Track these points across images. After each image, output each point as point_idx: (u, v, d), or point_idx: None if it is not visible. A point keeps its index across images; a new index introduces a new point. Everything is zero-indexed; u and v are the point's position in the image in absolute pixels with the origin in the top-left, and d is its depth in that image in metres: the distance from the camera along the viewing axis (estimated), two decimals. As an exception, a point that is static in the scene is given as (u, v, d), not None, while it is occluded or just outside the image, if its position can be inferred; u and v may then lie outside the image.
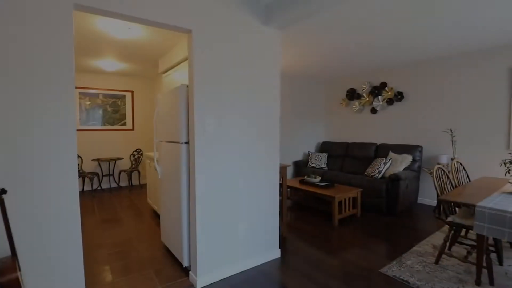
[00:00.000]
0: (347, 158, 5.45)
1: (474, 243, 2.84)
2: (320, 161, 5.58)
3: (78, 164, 5.54)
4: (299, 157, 6.00)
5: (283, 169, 3.16)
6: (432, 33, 3.32)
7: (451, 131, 4.22)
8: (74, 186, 1.72)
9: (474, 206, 2.09)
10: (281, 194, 3.26)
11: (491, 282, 2.22)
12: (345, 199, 3.89)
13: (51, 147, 1.64)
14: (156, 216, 4.09)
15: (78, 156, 5.58)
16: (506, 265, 2.54)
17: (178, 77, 3.57)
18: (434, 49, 4.02)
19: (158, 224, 3.72)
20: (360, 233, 3.40)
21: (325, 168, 5.54)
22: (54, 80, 1.64)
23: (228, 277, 2.40)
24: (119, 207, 4.54)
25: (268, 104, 2.65)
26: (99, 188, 5.93)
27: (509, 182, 2.79)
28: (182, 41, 3.38)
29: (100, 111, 5.90)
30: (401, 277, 2.35)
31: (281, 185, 3.25)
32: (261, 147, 2.61)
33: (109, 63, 4.74)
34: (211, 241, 2.31)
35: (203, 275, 2.27)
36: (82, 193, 5.55)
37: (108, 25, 3.00)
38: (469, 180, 3.28)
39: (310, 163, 5.62)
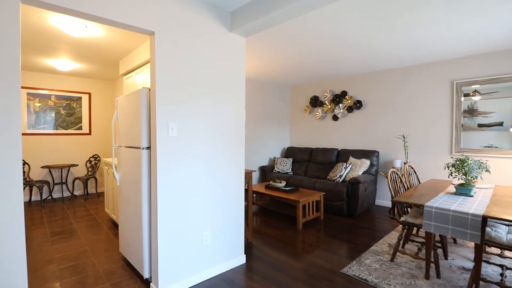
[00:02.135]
0: (311, 163, 5.63)
1: (424, 240, 3.09)
2: (285, 166, 5.70)
3: (24, 172, 5.03)
4: (265, 162, 6.07)
5: (248, 175, 3.17)
6: (384, 46, 3.60)
7: (403, 137, 4.58)
8: (18, 196, 1.56)
9: (422, 206, 2.28)
10: (246, 199, 3.26)
11: (438, 275, 2.42)
12: (309, 203, 4.01)
13: (-10, 152, 1.47)
14: (115, 226, 3.85)
15: (25, 163, 5.07)
16: (450, 259, 2.79)
17: (141, 79, 3.44)
18: (388, 61, 4.36)
19: (117, 235, 3.50)
20: (323, 236, 3.51)
21: (290, 173, 5.66)
22: (-4, 79, 1.48)
23: (191, 286, 2.33)
24: (72, 218, 4.19)
25: (233, 109, 2.65)
26: (49, 197, 5.43)
27: (452, 184, 3.08)
28: (145, 42, 3.26)
29: (52, 114, 5.44)
30: (360, 276, 2.46)
31: (246, 191, 3.25)
32: (226, 152, 2.60)
33: (63, 63, 4.41)
34: (173, 250, 2.23)
35: (165, 286, 2.18)
36: (29, 203, 5.04)
37: (62, 22, 2.80)
38: (419, 182, 3.57)
39: (275, 168, 5.71)
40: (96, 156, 5.76)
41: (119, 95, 5.81)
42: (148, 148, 2.30)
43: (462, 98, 4.08)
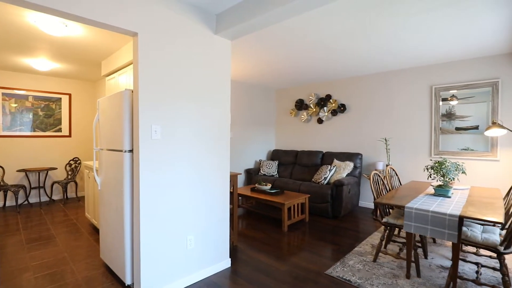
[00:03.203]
0: (296, 165, 5.68)
1: (405, 241, 3.17)
2: (271, 168, 5.72)
3: (-1, 176, 4.80)
4: (251, 165, 6.07)
5: (234, 178, 3.16)
6: (366, 51, 3.70)
7: (385, 140, 4.70)
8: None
9: (403, 207, 2.34)
10: (232, 202, 3.24)
11: (418, 274, 2.49)
12: (294, 205, 4.03)
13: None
14: (96, 231, 3.73)
15: (-1, 167, 4.84)
16: (430, 258, 2.88)
17: (124, 81, 3.36)
18: (370, 66, 4.48)
19: (98, 240, 3.39)
20: (308, 238, 3.54)
21: (275, 176, 5.68)
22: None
23: (175, 292, 2.29)
24: (50, 224, 4.03)
25: (218, 111, 2.64)
26: (25, 202, 5.20)
27: (431, 185, 3.19)
28: (129, 42, 3.20)
29: (30, 115, 5.22)
30: (344, 277, 2.50)
31: (232, 193, 3.23)
32: (210, 155, 2.58)
33: (41, 62, 4.25)
34: (156, 255, 2.18)
35: (147, 293, 2.13)
36: (3, 209, 4.80)
37: (40, 20, 2.70)
38: (400, 184, 3.67)
39: (261, 170, 5.72)
40: (76, 159, 5.57)
41: (101, 96, 5.66)
42: (131, 151, 2.24)
43: (441, 103, 4.24)
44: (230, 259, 2.78)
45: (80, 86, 5.84)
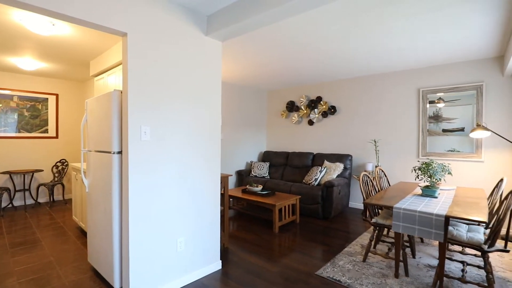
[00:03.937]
0: (287, 167, 5.71)
1: (394, 241, 3.22)
2: (262, 170, 5.73)
3: (-18, 178, 4.64)
4: (242, 166, 6.06)
5: (224, 179, 3.15)
6: (356, 54, 3.76)
7: (374, 141, 4.77)
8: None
9: (392, 208, 2.38)
10: (223, 204, 3.23)
11: (407, 273, 2.53)
12: (285, 207, 4.05)
13: None
14: (83, 234, 3.65)
15: (-18, 169, 4.69)
16: (418, 257, 2.93)
17: (113, 81, 3.32)
18: (359, 69, 4.55)
19: (85, 244, 3.32)
20: (299, 239, 3.56)
21: (267, 177, 5.69)
22: None
23: (165, 295, 2.26)
24: (36, 227, 3.92)
25: (209, 112, 2.63)
26: (9, 206, 5.04)
27: (419, 186, 3.25)
28: (118, 42, 3.17)
29: (15, 116, 5.08)
30: (334, 277, 2.52)
31: (223, 195, 3.22)
32: (201, 157, 2.56)
33: (27, 62, 4.15)
34: (146, 258, 2.15)
35: (136, 296, 2.09)
36: (-13, 212, 4.65)
37: (26, 19, 2.64)
38: (389, 185, 3.73)
39: (252, 172, 5.72)
40: (64, 160, 5.45)
41: (89, 97, 5.56)
42: (120, 152, 2.21)
43: (428, 105, 4.33)
44: (221, 261, 2.76)
45: (67, 86, 5.72)
